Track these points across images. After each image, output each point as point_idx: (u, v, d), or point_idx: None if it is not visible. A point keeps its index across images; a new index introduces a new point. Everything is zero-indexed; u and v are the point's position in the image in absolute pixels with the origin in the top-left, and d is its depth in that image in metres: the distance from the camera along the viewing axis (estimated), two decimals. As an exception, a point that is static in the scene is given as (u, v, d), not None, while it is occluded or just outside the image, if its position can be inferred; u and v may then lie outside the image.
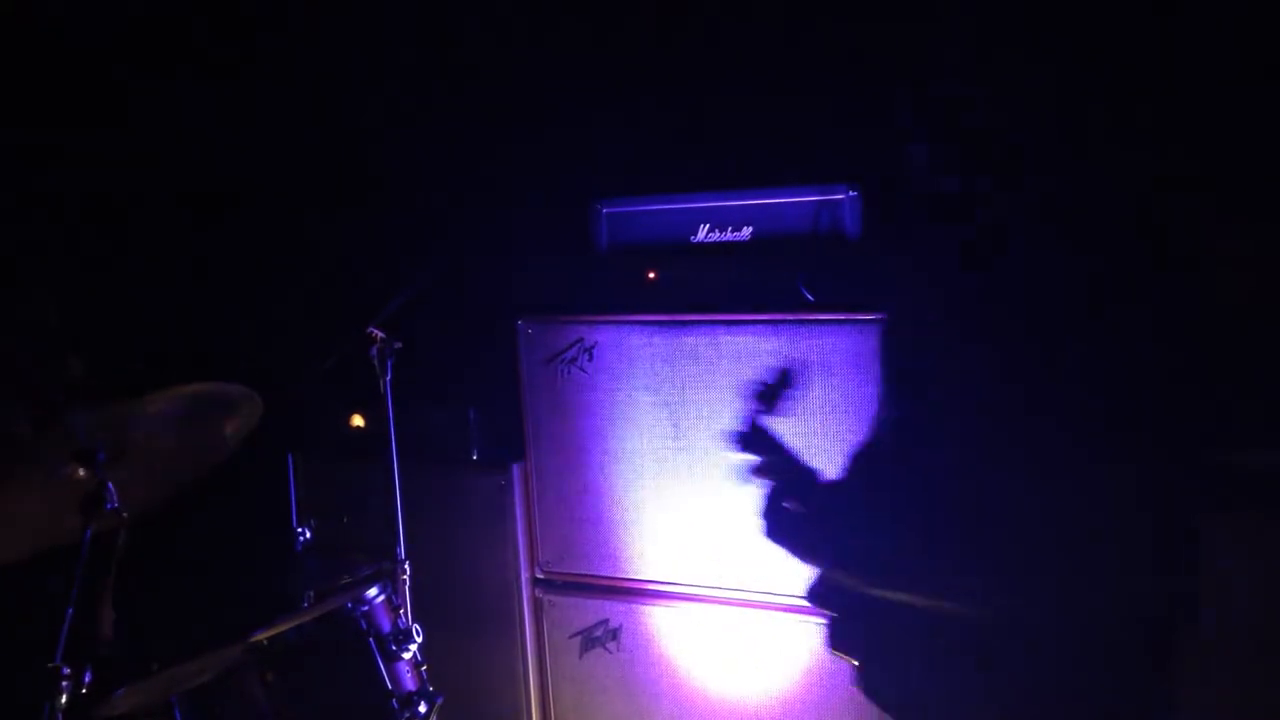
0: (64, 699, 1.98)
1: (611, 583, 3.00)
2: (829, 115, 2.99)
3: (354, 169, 3.55)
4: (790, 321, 2.74)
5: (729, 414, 2.80)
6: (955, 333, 1.62)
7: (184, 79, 3.62)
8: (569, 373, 2.96)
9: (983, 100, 1.72)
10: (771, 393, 2.11)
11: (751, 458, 2.02)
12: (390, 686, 2.49)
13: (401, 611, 2.68)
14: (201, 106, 3.63)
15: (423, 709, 2.53)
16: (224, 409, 2.30)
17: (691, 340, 2.83)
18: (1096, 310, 1.62)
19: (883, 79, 2.83)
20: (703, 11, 3.15)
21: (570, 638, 3.04)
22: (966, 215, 1.70)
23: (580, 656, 3.03)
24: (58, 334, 3.25)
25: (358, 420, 3.21)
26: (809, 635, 2.79)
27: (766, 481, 1.99)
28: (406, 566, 2.82)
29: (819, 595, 1.97)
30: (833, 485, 1.95)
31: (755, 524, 1.98)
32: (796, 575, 2.75)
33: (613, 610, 2.99)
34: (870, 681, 1.88)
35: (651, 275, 2.94)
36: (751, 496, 2.01)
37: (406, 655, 2.54)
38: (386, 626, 2.55)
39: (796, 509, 1.92)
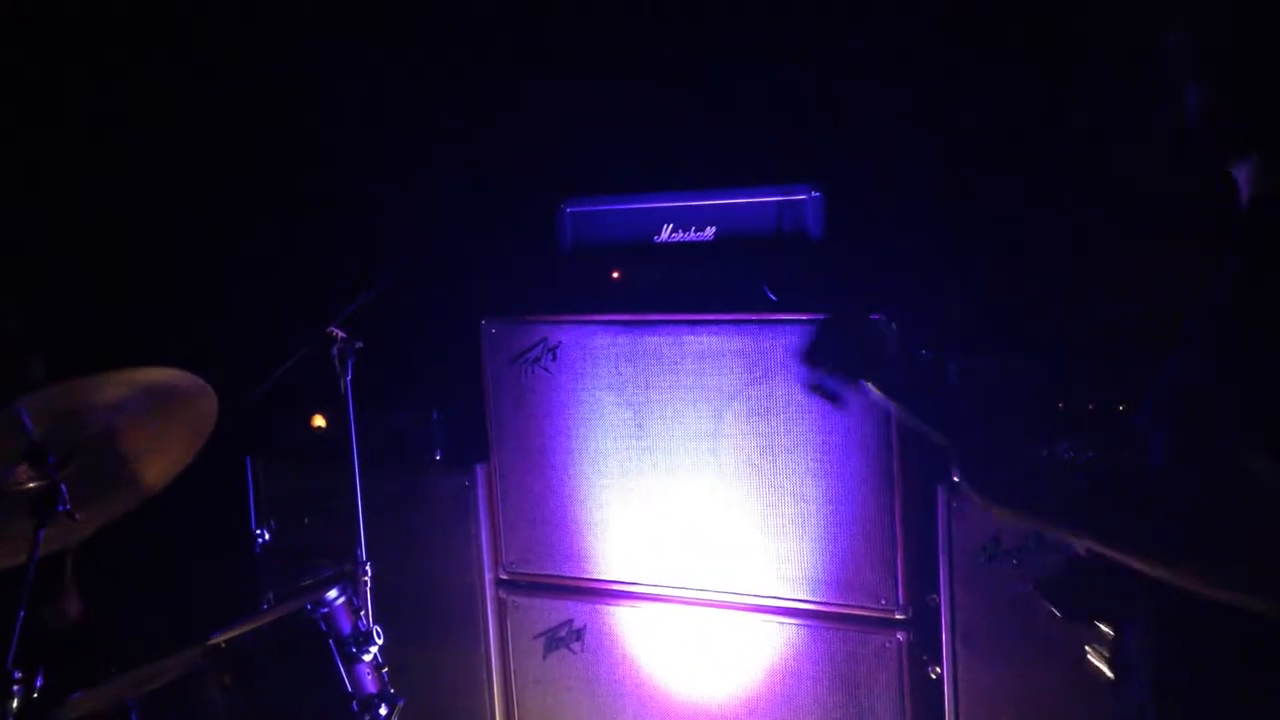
0: (15, 704, 1.95)
1: (576, 583, 2.99)
2: (794, 115, 3.00)
3: (317, 168, 3.52)
4: (754, 321, 2.74)
5: (693, 414, 2.80)
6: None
7: (148, 77, 3.58)
8: (533, 372, 2.94)
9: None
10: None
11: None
12: (350, 689, 2.47)
13: (362, 613, 2.66)
14: (164, 105, 3.60)
15: (383, 711, 2.51)
16: (178, 403, 2.26)
17: (655, 340, 2.83)
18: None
19: (849, 78, 2.84)
20: (667, 12, 3.15)
21: (534, 638, 3.03)
22: None
23: (544, 657, 3.02)
24: (18, 338, 3.21)
25: (319, 421, 3.19)
26: (773, 634, 2.79)
27: None
28: (368, 568, 2.80)
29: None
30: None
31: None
32: (760, 575, 2.78)
33: (577, 611, 2.98)
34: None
35: (615, 275, 2.94)
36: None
37: (367, 657, 2.52)
38: (347, 628, 2.53)
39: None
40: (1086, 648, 1.79)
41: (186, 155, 3.59)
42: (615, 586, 2.95)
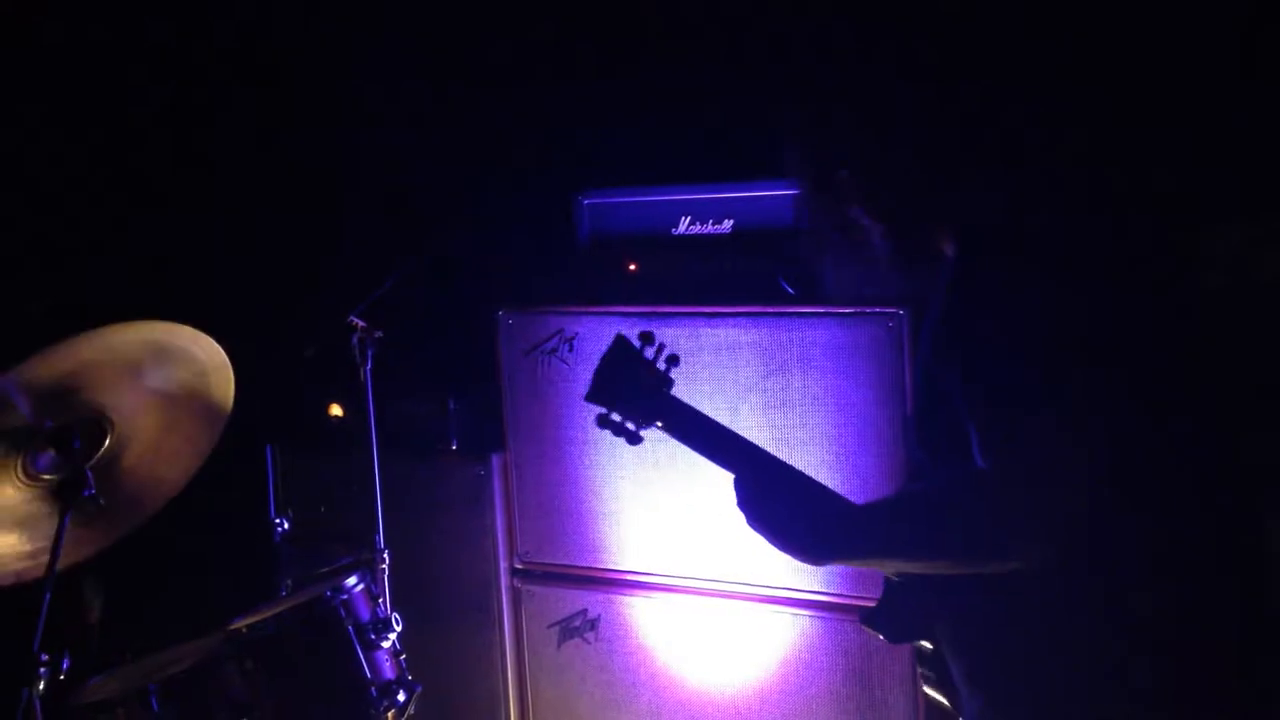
0: (42, 686, 1.97)
1: (590, 573, 3.00)
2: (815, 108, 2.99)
3: (334, 161, 3.54)
4: (770, 314, 2.75)
5: (709, 406, 2.81)
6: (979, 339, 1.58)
7: (173, 65, 3.59)
8: (549, 363, 2.96)
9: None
10: None
11: None
12: (369, 675, 2.49)
13: (380, 600, 2.68)
14: (190, 98, 3.61)
15: (401, 698, 2.53)
16: (195, 378, 2.28)
17: (672, 332, 2.84)
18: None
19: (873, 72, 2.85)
20: (684, 4, 3.15)
21: (549, 628, 3.05)
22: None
23: (559, 647, 3.04)
24: (38, 328, 3.23)
25: (336, 410, 3.21)
26: (787, 626, 2.80)
27: None
28: (385, 556, 2.82)
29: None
30: None
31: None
32: (775, 567, 2.79)
33: (591, 600, 3.00)
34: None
35: (632, 267, 2.95)
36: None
37: (385, 644, 2.54)
38: (365, 615, 2.54)
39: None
40: (924, 686, 1.86)
41: (201, 150, 3.61)
42: (630, 577, 2.96)
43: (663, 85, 3.18)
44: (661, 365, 2.04)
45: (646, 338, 2.05)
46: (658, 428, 2.02)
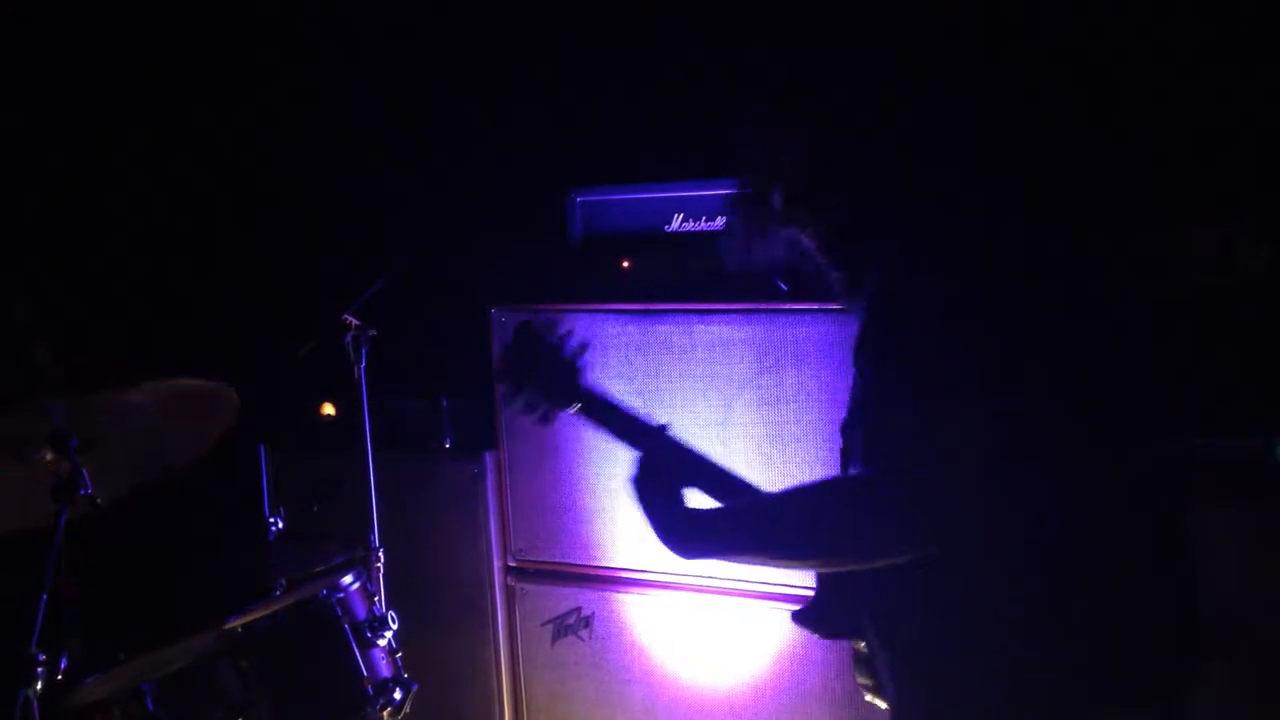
0: (39, 686, 1.96)
1: (584, 571, 3.00)
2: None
3: (329, 158, 3.53)
4: (764, 311, 2.76)
5: (703, 402, 2.82)
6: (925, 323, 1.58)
7: (161, 69, 3.58)
8: (542, 361, 2.95)
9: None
10: None
11: None
12: (366, 673, 2.48)
13: (376, 598, 2.68)
14: (176, 97, 3.60)
15: (398, 695, 2.52)
16: (200, 403, 2.29)
17: (665, 329, 2.85)
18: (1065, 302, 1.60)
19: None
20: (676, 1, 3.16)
21: (543, 625, 3.05)
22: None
23: (553, 644, 3.04)
24: (26, 326, 3.22)
25: (328, 409, 3.20)
26: (780, 622, 2.81)
27: None
28: (380, 554, 2.82)
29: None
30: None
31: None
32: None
33: (585, 598, 3.00)
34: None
35: (625, 264, 2.95)
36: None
37: (382, 642, 2.53)
38: (362, 613, 2.54)
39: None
40: (865, 695, 1.87)
41: (196, 149, 3.60)
42: (623, 574, 2.96)
43: (656, 81, 3.19)
44: (572, 350, 2.06)
45: (551, 325, 2.07)
46: (575, 410, 2.03)
